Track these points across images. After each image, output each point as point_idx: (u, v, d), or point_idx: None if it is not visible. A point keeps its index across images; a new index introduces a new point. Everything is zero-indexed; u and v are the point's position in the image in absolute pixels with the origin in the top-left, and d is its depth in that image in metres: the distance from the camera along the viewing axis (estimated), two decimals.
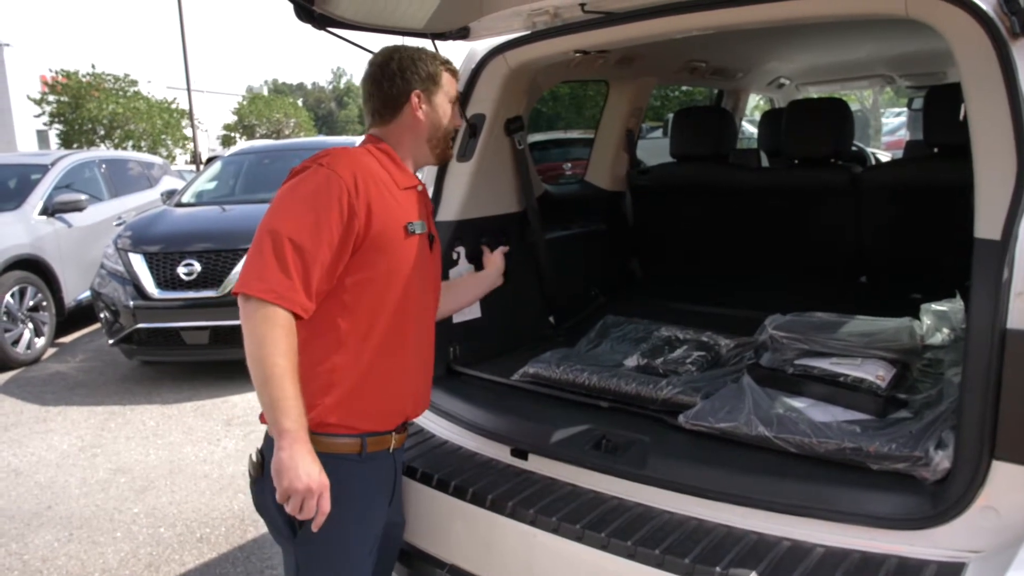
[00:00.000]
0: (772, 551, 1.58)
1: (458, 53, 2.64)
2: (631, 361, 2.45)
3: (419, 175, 2.03)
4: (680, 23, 2.15)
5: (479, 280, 2.35)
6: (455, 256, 2.51)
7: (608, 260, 3.49)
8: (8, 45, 30.97)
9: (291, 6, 2.01)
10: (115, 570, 3.34)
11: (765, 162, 4.94)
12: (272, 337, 1.56)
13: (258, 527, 3.58)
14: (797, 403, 1.98)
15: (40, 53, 30.07)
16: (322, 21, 2.09)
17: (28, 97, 25.14)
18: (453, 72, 1.92)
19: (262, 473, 1.76)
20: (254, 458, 1.79)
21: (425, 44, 2.37)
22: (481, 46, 2.55)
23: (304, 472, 1.57)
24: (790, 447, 1.81)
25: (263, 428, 1.79)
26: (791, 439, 1.81)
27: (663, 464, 1.85)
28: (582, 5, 2.12)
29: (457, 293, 2.24)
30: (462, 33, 2.39)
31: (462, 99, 2.54)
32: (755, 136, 6.48)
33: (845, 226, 3.06)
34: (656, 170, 3.57)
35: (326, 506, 1.61)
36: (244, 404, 5.38)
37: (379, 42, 2.94)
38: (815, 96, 5.69)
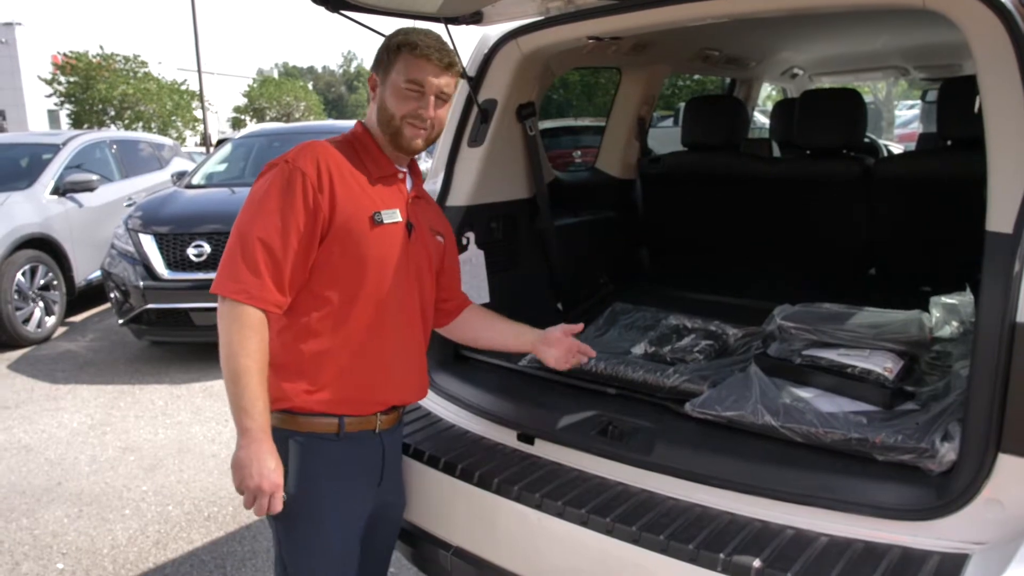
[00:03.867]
0: (776, 539, 1.59)
1: (471, 38, 2.63)
2: (639, 349, 2.45)
3: (424, 164, 2.02)
4: (694, 10, 2.13)
5: (513, 337, 2.12)
6: (464, 241, 2.52)
7: (617, 248, 3.49)
8: (19, 24, 31.01)
9: None
10: (124, 547, 3.38)
11: (777, 152, 4.92)
12: (240, 337, 1.61)
13: None
14: (804, 393, 1.99)
15: (52, 32, 30.11)
16: (336, 4, 2.08)
17: (39, 77, 25.20)
18: (418, 52, 1.74)
19: None
20: None
21: (438, 28, 2.37)
22: (494, 31, 2.54)
23: (257, 471, 1.61)
24: (796, 436, 1.82)
25: None
26: (797, 428, 1.82)
27: (669, 451, 1.86)
28: None
29: (482, 328, 2.12)
30: (475, 18, 2.38)
31: (474, 84, 2.54)
32: (766, 127, 6.44)
33: (856, 218, 3.05)
34: (667, 158, 3.56)
35: (276, 505, 1.65)
36: None
37: (392, 26, 2.93)
38: (828, 86, 5.64)
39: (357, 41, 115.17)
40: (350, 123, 8.20)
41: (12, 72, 30.31)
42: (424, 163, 8.36)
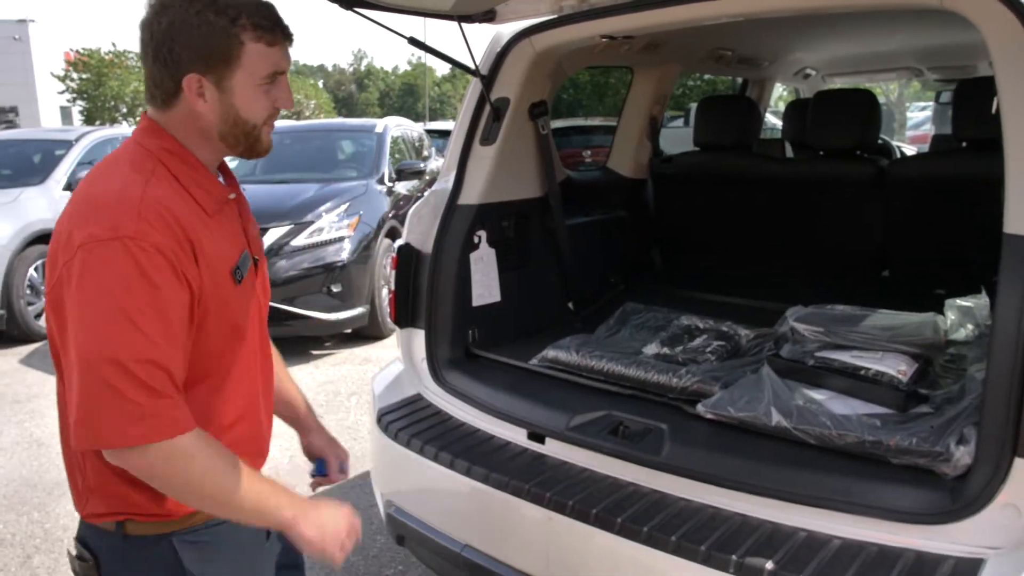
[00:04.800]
0: (788, 541, 1.58)
1: (484, 36, 2.63)
2: (650, 349, 2.44)
3: (435, 162, 1.94)
4: (708, 9, 2.12)
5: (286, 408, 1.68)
6: (476, 240, 2.51)
7: (628, 248, 3.48)
8: (32, 21, 31.23)
9: None
10: None
11: (790, 153, 4.90)
12: (199, 469, 1.20)
13: None
14: (817, 395, 1.98)
15: (65, 30, 30.34)
16: (350, 1, 2.08)
17: (52, 74, 25.39)
18: (272, 36, 1.28)
19: (99, 572, 1.34)
20: (74, 552, 1.37)
21: (451, 26, 2.36)
22: (507, 29, 2.54)
23: (329, 533, 1.33)
24: (809, 439, 1.81)
25: None
26: (810, 431, 1.81)
27: (680, 452, 1.86)
28: None
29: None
30: (488, 16, 2.37)
31: (487, 82, 2.53)
32: (777, 127, 6.41)
33: (869, 219, 3.03)
34: (679, 158, 3.56)
35: (354, 524, 1.38)
36: None
37: (406, 23, 2.94)
38: (841, 87, 5.61)
39: (368, 39, 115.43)
40: (361, 122, 7.87)
41: (25, 69, 30.50)
42: (435, 161, 8.25)
